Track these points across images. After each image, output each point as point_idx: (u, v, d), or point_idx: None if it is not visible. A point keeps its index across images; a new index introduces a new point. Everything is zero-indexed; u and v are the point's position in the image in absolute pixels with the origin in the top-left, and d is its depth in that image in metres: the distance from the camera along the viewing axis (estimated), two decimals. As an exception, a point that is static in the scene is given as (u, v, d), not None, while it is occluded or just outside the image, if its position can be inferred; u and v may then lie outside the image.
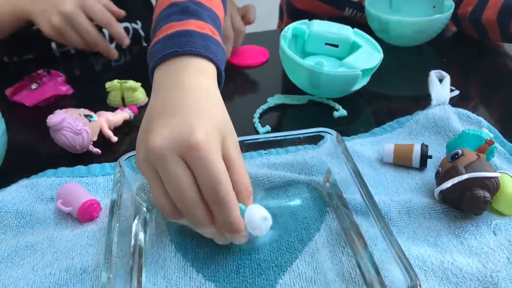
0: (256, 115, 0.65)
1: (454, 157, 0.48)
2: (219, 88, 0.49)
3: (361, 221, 0.45)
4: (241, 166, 0.42)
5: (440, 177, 0.49)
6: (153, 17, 0.56)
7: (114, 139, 0.61)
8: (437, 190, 0.48)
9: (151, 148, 0.39)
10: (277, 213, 0.49)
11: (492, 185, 0.46)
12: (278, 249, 0.45)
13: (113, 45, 0.82)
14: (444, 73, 0.66)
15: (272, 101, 0.68)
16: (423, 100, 0.65)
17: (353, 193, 0.45)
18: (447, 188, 0.47)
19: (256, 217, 0.41)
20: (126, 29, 0.88)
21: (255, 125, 0.64)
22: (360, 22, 0.92)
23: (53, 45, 0.83)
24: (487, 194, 0.45)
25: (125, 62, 0.84)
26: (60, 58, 0.84)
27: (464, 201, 0.46)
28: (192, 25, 0.49)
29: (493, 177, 0.46)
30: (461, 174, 0.46)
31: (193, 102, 0.42)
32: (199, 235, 0.47)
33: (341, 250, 0.45)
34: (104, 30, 0.79)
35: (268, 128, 0.63)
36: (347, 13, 0.93)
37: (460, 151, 0.49)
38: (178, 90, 0.44)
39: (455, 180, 0.46)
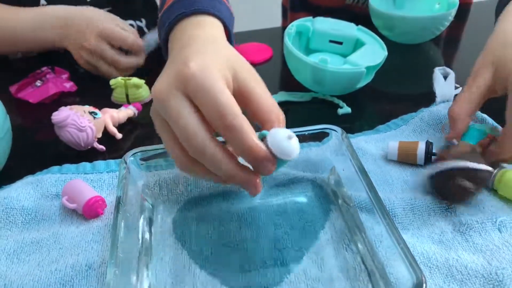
0: (260, 112, 0.65)
1: (449, 146, 0.48)
2: None
3: (366, 218, 0.45)
4: (263, 95, 0.39)
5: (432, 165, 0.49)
6: None
7: (119, 136, 0.61)
8: (424, 176, 0.47)
9: (154, 95, 0.38)
10: (281, 211, 0.49)
11: (480, 178, 0.45)
12: (283, 246, 0.45)
13: None
14: (448, 70, 0.66)
15: (275, 98, 0.68)
16: (428, 97, 0.64)
17: (358, 190, 0.45)
18: (432, 175, 0.46)
19: (280, 138, 0.37)
20: (131, 26, 0.88)
21: (259, 122, 0.63)
22: (363, 12, 0.92)
23: None
24: (471, 185, 0.45)
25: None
26: (64, 55, 0.84)
27: (447, 190, 0.46)
28: None
29: (481, 170, 0.45)
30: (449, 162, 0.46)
31: (197, 46, 0.42)
32: (205, 232, 0.47)
33: (345, 247, 0.45)
34: None
35: (272, 125, 0.63)
36: (349, 1, 0.92)
37: (456, 142, 0.48)
38: (186, 42, 0.43)
39: (442, 167, 0.46)
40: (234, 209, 0.49)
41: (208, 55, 0.40)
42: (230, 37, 0.50)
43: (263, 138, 0.38)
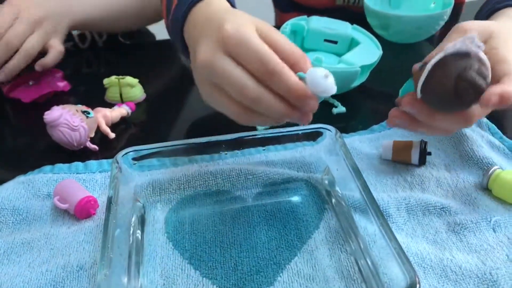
0: (255, 111, 0.65)
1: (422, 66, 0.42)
2: None
3: (359, 218, 0.44)
4: (286, 42, 0.43)
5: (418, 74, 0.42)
6: None
7: (112, 135, 0.60)
8: (419, 86, 0.41)
9: (200, 63, 0.42)
10: (275, 211, 0.49)
11: (485, 67, 0.39)
12: (277, 246, 0.45)
13: None
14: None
15: (270, 97, 0.68)
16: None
17: (351, 190, 0.45)
18: (428, 77, 0.40)
19: (317, 77, 0.40)
20: None
21: (254, 121, 0.63)
22: (356, 10, 0.91)
23: None
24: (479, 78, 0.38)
25: (123, 58, 0.84)
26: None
27: (453, 88, 0.39)
28: None
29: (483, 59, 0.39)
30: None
31: (222, 14, 0.45)
32: (198, 231, 0.47)
33: (339, 248, 0.45)
34: None
35: (266, 124, 0.62)
36: (340, 1, 0.91)
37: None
38: (207, 19, 0.47)
39: (437, 58, 0.39)
40: (228, 208, 0.49)
41: (237, 17, 0.44)
42: None
43: (301, 79, 0.41)
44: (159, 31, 1.13)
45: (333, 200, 0.49)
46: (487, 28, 0.48)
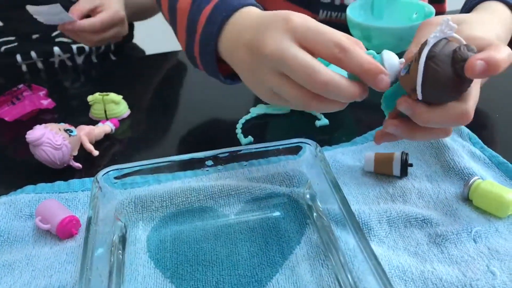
0: (239, 125, 0.65)
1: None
2: None
3: (340, 233, 0.44)
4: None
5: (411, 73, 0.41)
6: (166, 10, 0.61)
7: (95, 153, 0.60)
8: (418, 86, 0.40)
9: (270, 52, 0.43)
10: (257, 227, 0.49)
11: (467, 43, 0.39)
12: (258, 263, 0.45)
13: None
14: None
15: (254, 111, 0.68)
16: (405, 108, 0.64)
17: (331, 204, 0.45)
18: (424, 74, 0.39)
19: (393, 57, 0.42)
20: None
21: (238, 135, 0.63)
22: (339, 23, 0.92)
23: (33, 53, 0.82)
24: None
25: (107, 74, 0.84)
26: (42, 72, 0.84)
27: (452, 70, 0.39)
28: None
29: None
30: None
31: (276, 13, 0.46)
32: (180, 250, 0.46)
33: (320, 263, 0.45)
34: None
35: (250, 138, 0.63)
36: (322, 15, 0.92)
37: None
38: (261, 19, 0.47)
39: (424, 54, 0.39)
40: (210, 226, 0.49)
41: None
42: None
43: None
44: (148, 46, 1.13)
45: (315, 215, 0.49)
46: (456, 19, 0.49)
